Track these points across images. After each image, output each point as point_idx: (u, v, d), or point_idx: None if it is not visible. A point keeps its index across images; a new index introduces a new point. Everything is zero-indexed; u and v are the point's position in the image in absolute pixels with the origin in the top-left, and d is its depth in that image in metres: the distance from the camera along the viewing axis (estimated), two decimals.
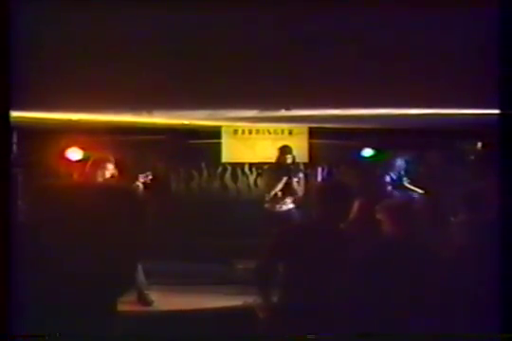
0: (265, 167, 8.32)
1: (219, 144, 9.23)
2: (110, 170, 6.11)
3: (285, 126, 9.13)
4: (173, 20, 2.98)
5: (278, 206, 7.65)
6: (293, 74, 4.42)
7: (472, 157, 8.57)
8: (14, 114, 2.65)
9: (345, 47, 3.59)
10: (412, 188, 7.47)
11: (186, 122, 8.20)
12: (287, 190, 7.66)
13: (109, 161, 6.09)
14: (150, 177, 6.60)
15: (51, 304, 1.23)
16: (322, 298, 3.56)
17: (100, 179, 5.79)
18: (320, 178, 8.81)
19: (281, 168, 7.76)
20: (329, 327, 3.56)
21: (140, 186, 6.37)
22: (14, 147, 7.58)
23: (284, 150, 7.88)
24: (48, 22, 2.85)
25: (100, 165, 5.94)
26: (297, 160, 8.04)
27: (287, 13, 2.92)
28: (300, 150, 8.72)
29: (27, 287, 1.29)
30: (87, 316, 1.23)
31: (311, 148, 9.13)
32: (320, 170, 9.02)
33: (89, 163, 6.04)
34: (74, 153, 8.46)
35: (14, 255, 1.42)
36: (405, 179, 7.67)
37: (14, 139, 7.57)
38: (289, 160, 7.77)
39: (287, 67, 4.18)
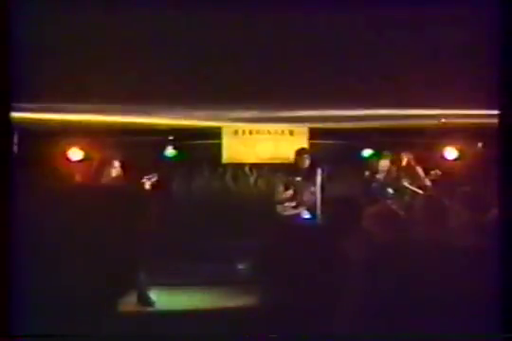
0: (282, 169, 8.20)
1: (219, 144, 9.21)
2: (116, 169, 6.13)
3: (286, 126, 9.12)
4: (173, 20, 2.98)
5: (287, 208, 7.66)
6: (293, 74, 4.42)
7: (472, 157, 8.55)
8: (15, 115, 2.65)
9: (344, 48, 3.60)
10: (412, 188, 7.45)
11: (186, 123, 8.19)
12: (299, 194, 7.67)
13: (115, 161, 6.12)
14: (155, 179, 6.60)
15: (51, 304, 1.23)
16: (322, 299, 3.56)
17: (104, 179, 5.80)
18: (319, 180, 8.78)
19: (298, 170, 7.69)
20: (329, 326, 3.56)
21: (147, 187, 6.38)
22: (15, 147, 7.58)
23: (302, 152, 7.80)
24: (49, 22, 2.85)
25: (106, 165, 5.97)
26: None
27: (287, 14, 2.92)
28: None
29: (28, 287, 1.29)
30: (87, 316, 1.24)
31: (311, 148, 9.11)
32: (319, 170, 9.00)
33: (95, 163, 6.08)
34: (74, 154, 8.47)
35: (14, 255, 1.42)
36: (404, 179, 7.65)
37: (15, 140, 7.57)
38: (307, 161, 7.62)
39: (287, 67, 4.18)
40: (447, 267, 2.95)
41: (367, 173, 7.68)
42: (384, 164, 7.63)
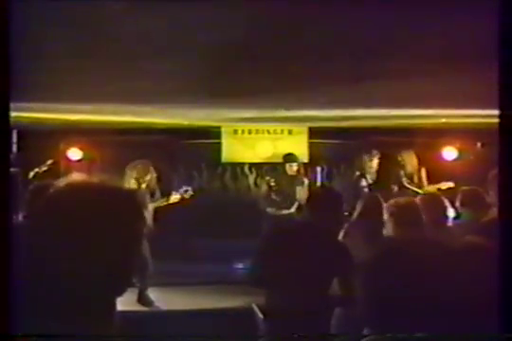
0: (273, 175, 8.30)
1: (219, 144, 9.21)
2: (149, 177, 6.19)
3: (285, 126, 9.12)
4: (172, 19, 2.98)
5: (279, 209, 7.76)
6: (293, 74, 4.41)
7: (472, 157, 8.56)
8: (14, 114, 2.65)
9: (342, 48, 3.59)
10: (412, 188, 7.46)
11: (186, 122, 8.20)
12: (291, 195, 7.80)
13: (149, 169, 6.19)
14: (190, 192, 6.64)
15: (51, 304, 1.23)
16: (317, 299, 3.58)
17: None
18: (319, 179, 8.79)
19: (287, 175, 7.90)
20: (327, 327, 3.57)
21: (175, 200, 6.46)
22: (14, 147, 7.58)
23: (289, 158, 7.98)
24: (48, 21, 2.85)
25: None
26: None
27: (288, 14, 2.91)
28: (299, 150, 8.72)
29: (27, 287, 1.29)
30: (87, 316, 1.24)
31: (311, 148, 9.11)
32: (319, 169, 9.00)
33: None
34: (74, 154, 8.49)
35: (14, 255, 1.42)
36: (404, 179, 7.65)
37: (14, 139, 7.58)
38: (294, 168, 7.89)
39: (287, 67, 4.17)
40: (446, 267, 2.94)
41: (365, 173, 7.69)
42: (378, 163, 7.65)
